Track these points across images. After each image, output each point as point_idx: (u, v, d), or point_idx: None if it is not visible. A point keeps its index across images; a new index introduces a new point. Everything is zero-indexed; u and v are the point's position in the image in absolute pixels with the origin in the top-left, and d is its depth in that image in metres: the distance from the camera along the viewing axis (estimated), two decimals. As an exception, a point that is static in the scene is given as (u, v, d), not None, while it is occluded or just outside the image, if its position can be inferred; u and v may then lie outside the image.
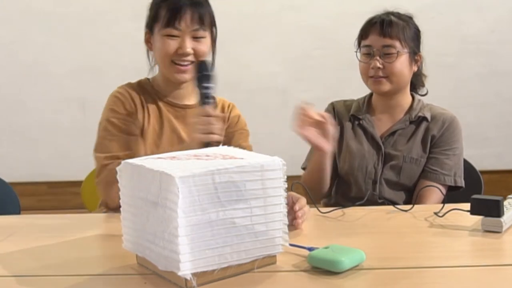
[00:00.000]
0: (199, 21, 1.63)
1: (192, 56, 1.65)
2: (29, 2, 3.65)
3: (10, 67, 3.72)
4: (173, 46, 1.64)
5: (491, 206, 1.32)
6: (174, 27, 1.62)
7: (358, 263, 1.12)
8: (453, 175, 1.82)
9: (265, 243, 1.11)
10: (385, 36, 1.79)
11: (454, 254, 1.21)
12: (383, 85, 1.82)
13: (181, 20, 1.62)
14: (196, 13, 1.63)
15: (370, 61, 1.82)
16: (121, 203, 1.17)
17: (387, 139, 1.87)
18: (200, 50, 1.65)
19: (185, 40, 1.63)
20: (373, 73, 1.81)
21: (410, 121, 1.86)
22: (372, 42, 1.82)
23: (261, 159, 1.12)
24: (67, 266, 1.22)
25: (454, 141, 1.84)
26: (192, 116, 1.59)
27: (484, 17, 3.63)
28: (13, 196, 2.08)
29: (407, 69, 1.83)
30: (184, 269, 1.01)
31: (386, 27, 1.79)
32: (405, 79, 1.84)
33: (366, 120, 1.91)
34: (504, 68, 3.68)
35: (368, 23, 1.85)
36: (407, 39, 1.81)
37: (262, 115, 3.68)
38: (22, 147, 3.69)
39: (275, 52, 3.71)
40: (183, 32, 1.63)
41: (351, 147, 1.88)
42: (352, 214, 1.54)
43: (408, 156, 1.83)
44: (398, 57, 1.79)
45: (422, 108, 1.88)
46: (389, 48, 1.79)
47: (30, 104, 3.70)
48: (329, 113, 1.91)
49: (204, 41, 1.66)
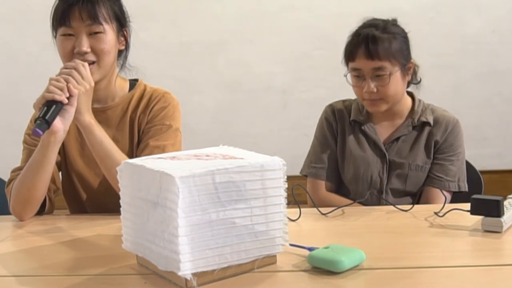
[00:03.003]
0: (91, 17, 1.53)
1: (92, 54, 1.55)
2: (29, 2, 3.65)
3: (10, 67, 3.72)
4: (69, 45, 1.55)
5: (491, 206, 1.32)
6: (66, 24, 1.54)
7: (358, 263, 1.12)
8: (457, 181, 1.79)
9: (265, 243, 1.11)
10: (373, 58, 1.70)
11: (454, 254, 1.21)
12: (379, 107, 1.77)
13: (72, 17, 1.53)
14: (87, 8, 1.53)
15: (362, 84, 1.74)
16: (121, 203, 1.17)
17: (390, 146, 1.82)
18: (98, 47, 1.55)
19: (79, 38, 1.54)
20: (367, 96, 1.75)
21: (412, 126, 1.82)
22: (361, 66, 1.73)
23: (261, 159, 1.12)
24: (67, 266, 1.23)
25: (457, 146, 1.81)
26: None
27: (484, 17, 3.63)
28: (13, 196, 2.07)
29: (401, 84, 1.77)
30: (184, 269, 1.01)
31: (372, 48, 1.69)
32: (400, 94, 1.79)
33: (368, 126, 1.84)
34: (504, 68, 3.68)
35: (351, 43, 1.76)
36: (397, 55, 1.72)
37: (262, 115, 3.68)
38: (22, 147, 3.70)
39: (275, 52, 3.71)
40: (77, 30, 1.54)
41: (355, 154, 1.83)
42: (352, 214, 1.54)
43: (413, 164, 1.79)
44: (390, 79, 1.72)
45: (424, 111, 1.83)
46: (380, 70, 1.71)
47: (30, 104, 3.70)
48: (328, 117, 1.89)
49: (102, 37, 1.55)
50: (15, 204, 1.57)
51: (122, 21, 1.64)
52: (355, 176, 1.82)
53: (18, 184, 1.55)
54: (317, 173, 1.86)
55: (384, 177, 1.80)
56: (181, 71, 3.59)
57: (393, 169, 1.80)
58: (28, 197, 1.55)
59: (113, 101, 1.69)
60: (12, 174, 1.63)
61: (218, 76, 3.65)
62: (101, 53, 1.56)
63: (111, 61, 1.61)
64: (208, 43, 3.65)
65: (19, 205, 1.56)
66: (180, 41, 3.56)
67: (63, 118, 1.45)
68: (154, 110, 1.67)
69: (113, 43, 1.59)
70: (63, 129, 1.47)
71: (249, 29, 3.68)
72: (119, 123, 1.69)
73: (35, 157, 1.52)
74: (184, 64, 3.57)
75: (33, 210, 1.58)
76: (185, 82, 3.56)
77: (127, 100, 1.70)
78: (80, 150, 1.69)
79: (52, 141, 1.47)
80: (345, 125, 1.87)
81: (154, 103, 1.68)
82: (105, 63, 1.58)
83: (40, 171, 1.52)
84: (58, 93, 1.42)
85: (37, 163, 1.51)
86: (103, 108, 1.68)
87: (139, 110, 1.68)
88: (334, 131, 1.88)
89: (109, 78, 1.66)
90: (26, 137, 1.69)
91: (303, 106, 3.70)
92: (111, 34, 1.59)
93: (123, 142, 1.67)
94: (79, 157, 1.69)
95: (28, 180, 1.53)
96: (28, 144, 1.66)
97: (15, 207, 1.57)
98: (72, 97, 1.45)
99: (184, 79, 3.63)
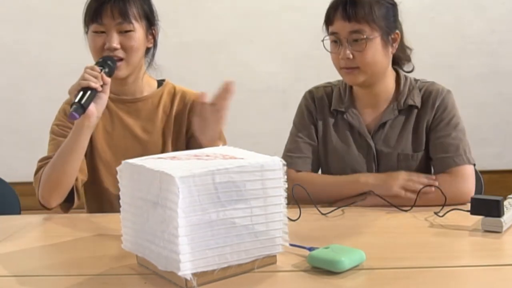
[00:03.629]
0: (122, 15, 1.60)
1: (121, 51, 1.62)
2: (29, 2, 3.65)
3: (10, 67, 3.71)
4: (100, 41, 1.62)
5: (491, 206, 1.32)
6: (98, 22, 1.61)
7: (358, 263, 1.12)
8: (464, 153, 1.62)
9: (265, 243, 1.11)
10: (350, 20, 1.58)
11: (454, 254, 1.21)
12: (356, 76, 1.63)
13: (104, 14, 1.60)
14: (119, 6, 1.60)
15: (339, 50, 1.63)
16: (121, 203, 1.17)
17: (376, 133, 1.69)
18: (127, 44, 1.62)
19: (109, 35, 1.61)
20: (343, 64, 1.63)
21: (398, 109, 1.69)
22: (337, 29, 1.61)
23: (261, 159, 1.12)
24: (67, 266, 1.23)
25: (450, 117, 1.66)
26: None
27: (484, 17, 3.63)
28: (13, 196, 2.08)
29: (381, 54, 1.63)
30: (184, 269, 1.01)
31: (350, 9, 1.58)
32: (381, 66, 1.65)
33: (351, 114, 1.72)
34: (504, 68, 3.68)
35: (331, 6, 1.64)
36: (377, 20, 1.59)
37: (262, 115, 3.68)
38: (22, 147, 3.70)
39: (275, 52, 3.70)
40: (108, 27, 1.61)
41: (338, 148, 1.72)
42: (352, 214, 1.54)
43: (402, 154, 1.67)
44: (368, 44, 1.59)
45: (411, 91, 1.69)
46: (357, 33, 1.59)
47: (30, 104, 3.70)
48: (309, 105, 1.78)
49: (131, 35, 1.62)
50: (44, 190, 1.57)
51: (151, 19, 1.71)
52: (341, 171, 1.70)
53: (48, 169, 1.57)
54: (292, 162, 1.72)
55: (372, 170, 1.69)
56: (181, 71, 3.59)
57: (381, 161, 1.69)
58: (58, 183, 1.56)
59: (141, 94, 1.76)
60: (40, 163, 1.64)
61: (218, 76, 3.64)
62: (130, 51, 1.63)
63: (139, 58, 1.68)
64: (208, 43, 3.65)
65: (48, 191, 1.57)
66: (180, 41, 3.55)
67: (97, 104, 1.51)
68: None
69: (142, 41, 1.66)
70: (96, 114, 1.52)
71: (249, 29, 3.68)
72: (150, 115, 1.76)
73: (67, 142, 1.55)
74: (184, 64, 3.57)
75: (61, 196, 1.59)
76: (185, 82, 3.56)
77: (157, 95, 1.78)
78: (109, 140, 1.74)
79: (86, 125, 1.52)
80: (326, 115, 1.76)
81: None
82: (133, 60, 1.65)
83: (72, 156, 1.55)
84: (93, 81, 1.48)
85: (69, 148, 1.55)
86: (133, 100, 1.76)
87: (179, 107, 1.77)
88: (314, 120, 1.77)
89: (136, 74, 1.72)
90: (54, 128, 1.71)
91: (303, 106, 3.70)
92: (140, 32, 1.65)
93: (155, 133, 1.75)
94: (107, 147, 1.73)
95: (59, 165, 1.55)
96: (56, 135, 1.69)
97: (44, 193, 1.58)
98: (106, 85, 1.52)
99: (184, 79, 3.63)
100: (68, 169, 1.56)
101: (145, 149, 1.70)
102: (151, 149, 1.71)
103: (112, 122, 1.75)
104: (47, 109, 3.72)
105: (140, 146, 1.73)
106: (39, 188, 1.59)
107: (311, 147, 1.77)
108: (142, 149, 1.71)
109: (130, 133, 1.74)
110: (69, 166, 1.56)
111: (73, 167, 1.57)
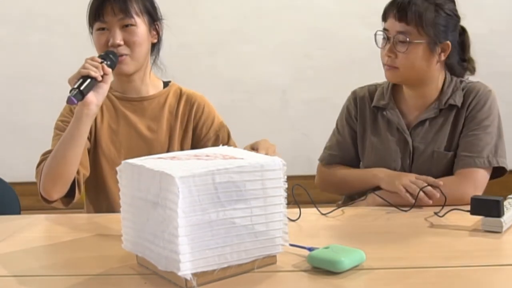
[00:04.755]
0: (123, 10, 1.63)
1: (125, 47, 1.64)
2: (29, 2, 3.65)
3: (10, 67, 3.71)
4: (103, 38, 1.64)
5: (491, 206, 1.32)
6: (100, 20, 1.63)
7: (358, 263, 1.12)
8: (486, 156, 1.62)
9: (265, 243, 1.11)
10: (400, 20, 1.61)
11: (454, 254, 1.21)
12: (394, 75, 1.67)
13: (105, 11, 1.62)
14: (119, 3, 1.63)
15: (386, 46, 1.66)
16: (121, 203, 1.17)
17: (415, 130, 1.71)
18: (130, 40, 1.64)
19: (112, 31, 1.63)
20: (386, 61, 1.67)
21: (440, 108, 1.69)
22: (389, 26, 1.65)
23: (261, 159, 1.12)
24: (67, 266, 1.23)
25: (482, 118, 1.65)
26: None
27: (484, 17, 3.63)
28: (13, 196, 2.08)
29: (423, 61, 1.64)
30: (184, 269, 1.01)
31: (402, 10, 1.61)
32: (419, 72, 1.66)
33: (391, 111, 1.74)
34: (504, 68, 3.68)
35: (389, 3, 1.68)
36: (427, 26, 1.60)
37: (262, 115, 3.68)
38: (22, 147, 3.69)
39: (275, 52, 3.70)
40: (110, 24, 1.63)
41: (375, 143, 1.75)
42: (352, 214, 1.54)
43: (437, 151, 1.67)
44: (410, 48, 1.61)
45: (455, 92, 1.69)
46: (403, 35, 1.61)
47: (30, 104, 3.70)
48: (349, 106, 1.83)
49: (134, 30, 1.65)
50: (46, 181, 1.57)
51: (153, 15, 1.72)
52: (376, 165, 1.72)
53: (50, 160, 1.57)
54: (324, 157, 1.85)
55: (407, 167, 1.70)
56: (181, 71, 3.59)
57: (417, 157, 1.70)
58: (59, 173, 1.56)
59: (147, 93, 1.77)
60: (42, 157, 1.65)
61: (218, 76, 3.65)
62: (133, 45, 1.65)
63: (144, 53, 1.69)
64: (208, 43, 3.65)
65: (50, 182, 1.56)
66: (180, 41, 3.55)
67: (97, 93, 1.53)
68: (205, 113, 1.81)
69: (145, 36, 1.68)
70: (96, 103, 1.53)
71: (249, 29, 3.68)
72: (156, 115, 1.76)
73: (68, 131, 1.56)
74: (184, 64, 3.57)
75: (63, 188, 1.58)
76: (184, 82, 3.56)
77: (163, 95, 1.79)
78: (113, 137, 1.74)
79: (85, 113, 1.53)
80: (366, 112, 1.79)
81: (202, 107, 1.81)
82: (137, 55, 1.66)
83: (72, 144, 1.55)
84: (93, 70, 1.50)
85: (70, 136, 1.55)
86: (139, 98, 1.76)
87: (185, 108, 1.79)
88: (352, 120, 1.82)
89: (144, 71, 1.74)
90: (58, 124, 1.72)
91: (303, 106, 3.70)
92: (142, 27, 1.67)
93: (161, 132, 1.75)
94: (112, 145, 1.74)
95: (60, 154, 1.56)
96: (61, 130, 1.69)
97: (46, 185, 1.57)
98: (106, 75, 1.53)
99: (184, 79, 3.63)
100: (69, 157, 1.55)
101: (150, 148, 1.72)
102: (156, 148, 1.72)
103: (117, 120, 1.75)
104: (47, 109, 3.72)
105: (145, 144, 1.74)
106: (41, 180, 1.59)
107: (342, 145, 1.84)
108: (147, 147, 1.72)
109: (135, 131, 1.75)
110: (70, 154, 1.55)
111: (74, 156, 1.56)
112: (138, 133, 1.75)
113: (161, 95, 1.79)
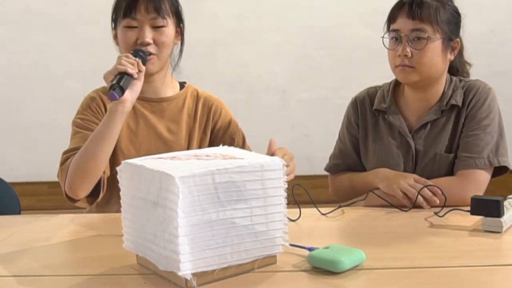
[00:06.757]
0: (156, 10, 1.62)
1: (154, 46, 1.63)
2: (29, 2, 3.65)
3: (10, 67, 3.72)
4: (132, 36, 1.63)
5: (491, 206, 1.32)
6: (131, 17, 1.62)
7: (358, 263, 1.12)
8: (487, 157, 1.61)
9: (265, 243, 1.11)
10: (414, 18, 1.60)
11: (454, 254, 1.21)
12: (409, 75, 1.63)
13: (138, 9, 1.61)
14: (153, 1, 1.62)
15: (397, 48, 1.63)
16: (121, 203, 1.17)
17: (417, 133, 1.69)
18: (159, 40, 1.64)
19: (143, 30, 1.62)
20: (399, 61, 1.63)
21: (441, 110, 1.68)
22: (400, 26, 1.62)
23: (261, 159, 1.12)
24: (67, 266, 1.23)
25: (482, 118, 1.64)
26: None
27: (484, 17, 3.63)
28: (13, 196, 2.08)
29: (440, 58, 1.63)
30: (184, 269, 1.01)
31: (415, 8, 1.60)
32: (437, 70, 1.65)
33: (392, 114, 1.72)
34: (504, 68, 3.68)
35: (396, 5, 1.66)
36: (441, 23, 1.61)
37: (262, 115, 3.68)
38: (22, 147, 3.69)
39: (275, 52, 3.71)
40: (141, 22, 1.62)
41: (377, 147, 1.74)
42: (352, 214, 1.54)
43: (439, 154, 1.66)
44: (428, 44, 1.60)
45: (455, 91, 1.68)
46: (419, 32, 1.60)
47: (30, 104, 3.70)
48: (349, 113, 1.83)
49: (164, 31, 1.64)
50: (73, 178, 1.55)
51: (180, 16, 1.73)
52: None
53: (78, 157, 1.55)
54: (335, 168, 1.85)
55: (410, 169, 1.69)
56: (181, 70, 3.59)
57: (420, 160, 1.69)
58: (89, 171, 1.54)
59: (165, 95, 1.77)
60: (65, 155, 1.62)
61: (218, 76, 3.65)
62: (162, 46, 1.65)
63: (169, 54, 1.71)
64: (208, 43, 3.65)
65: (79, 180, 1.54)
66: (180, 41, 3.56)
67: (131, 90, 1.53)
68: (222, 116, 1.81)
69: (172, 37, 1.69)
70: (131, 100, 1.53)
71: (249, 29, 3.68)
72: (175, 116, 1.76)
73: (99, 129, 1.55)
74: (184, 64, 3.57)
75: (90, 186, 1.56)
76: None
77: (182, 97, 1.79)
78: (132, 137, 1.72)
79: (120, 111, 1.52)
80: (367, 116, 1.78)
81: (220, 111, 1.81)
82: (164, 55, 1.67)
83: (104, 142, 1.54)
84: (130, 67, 1.50)
85: (102, 134, 1.54)
86: (159, 100, 1.76)
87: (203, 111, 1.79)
88: (353, 127, 1.81)
89: (165, 71, 1.74)
90: (78, 122, 1.70)
91: (303, 106, 3.70)
92: (171, 28, 1.68)
93: (179, 134, 1.75)
94: (131, 145, 1.72)
95: (91, 151, 1.53)
96: (81, 128, 1.67)
97: (73, 183, 1.55)
98: (141, 72, 1.54)
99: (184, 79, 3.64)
100: (100, 155, 1.53)
101: (170, 150, 1.65)
102: (176, 150, 1.67)
103: (136, 120, 1.73)
104: (47, 109, 3.74)
105: (164, 146, 1.72)
106: (67, 178, 1.56)
107: (345, 153, 1.84)
108: (166, 149, 1.68)
109: (155, 132, 1.73)
110: (101, 152, 1.53)
111: (104, 154, 1.55)
112: (157, 134, 1.73)
113: (179, 96, 1.78)
